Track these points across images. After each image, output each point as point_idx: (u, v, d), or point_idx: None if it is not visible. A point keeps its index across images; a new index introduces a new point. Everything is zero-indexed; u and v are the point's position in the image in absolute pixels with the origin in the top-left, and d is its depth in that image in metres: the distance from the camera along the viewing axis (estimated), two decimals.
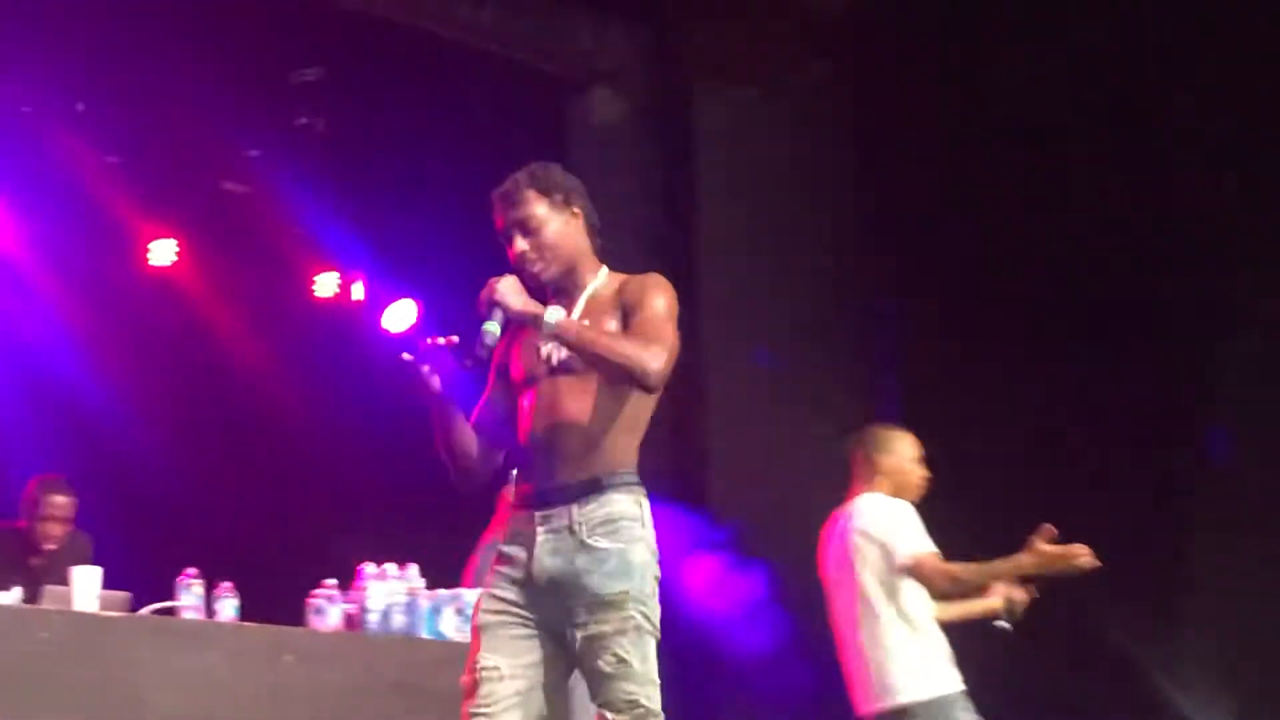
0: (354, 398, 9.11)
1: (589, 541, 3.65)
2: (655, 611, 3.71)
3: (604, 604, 3.64)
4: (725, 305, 8.79)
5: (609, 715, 3.63)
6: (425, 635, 5.74)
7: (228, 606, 5.46)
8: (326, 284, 9.63)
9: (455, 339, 3.75)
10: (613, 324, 3.75)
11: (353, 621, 5.65)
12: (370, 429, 9.04)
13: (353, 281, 9.57)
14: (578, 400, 3.74)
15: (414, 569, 5.79)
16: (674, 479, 8.65)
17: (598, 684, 3.66)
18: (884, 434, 5.60)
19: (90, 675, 5.15)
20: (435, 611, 5.70)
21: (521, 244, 3.82)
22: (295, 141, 9.06)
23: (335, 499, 8.99)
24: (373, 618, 5.67)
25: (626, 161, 9.12)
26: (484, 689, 3.65)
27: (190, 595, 5.39)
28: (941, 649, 5.33)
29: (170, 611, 5.44)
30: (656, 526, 3.83)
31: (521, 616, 3.69)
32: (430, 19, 8.45)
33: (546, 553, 3.66)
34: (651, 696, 3.66)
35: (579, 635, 3.66)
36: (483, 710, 3.62)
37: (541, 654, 3.69)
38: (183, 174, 9.16)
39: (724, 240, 8.94)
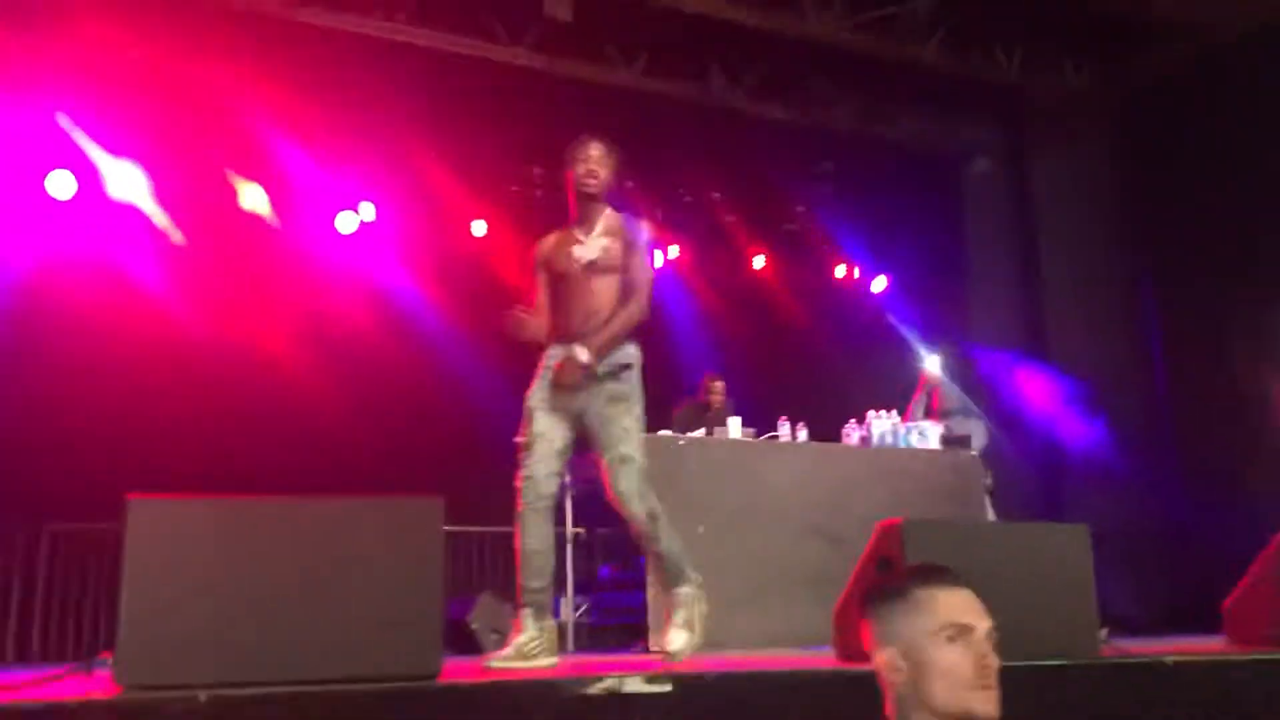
0: None
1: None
2: None
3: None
4: None
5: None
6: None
7: (802, 433, 8.81)
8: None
9: None
10: (618, 244, 5.44)
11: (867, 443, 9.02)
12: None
13: None
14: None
15: None
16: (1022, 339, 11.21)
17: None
18: None
19: (734, 480, 8.16)
20: None
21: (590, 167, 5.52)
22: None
23: None
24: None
25: None
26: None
27: (784, 428, 8.75)
28: None
29: (774, 437, 8.70)
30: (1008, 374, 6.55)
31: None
32: None
33: None
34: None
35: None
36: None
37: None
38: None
39: None
